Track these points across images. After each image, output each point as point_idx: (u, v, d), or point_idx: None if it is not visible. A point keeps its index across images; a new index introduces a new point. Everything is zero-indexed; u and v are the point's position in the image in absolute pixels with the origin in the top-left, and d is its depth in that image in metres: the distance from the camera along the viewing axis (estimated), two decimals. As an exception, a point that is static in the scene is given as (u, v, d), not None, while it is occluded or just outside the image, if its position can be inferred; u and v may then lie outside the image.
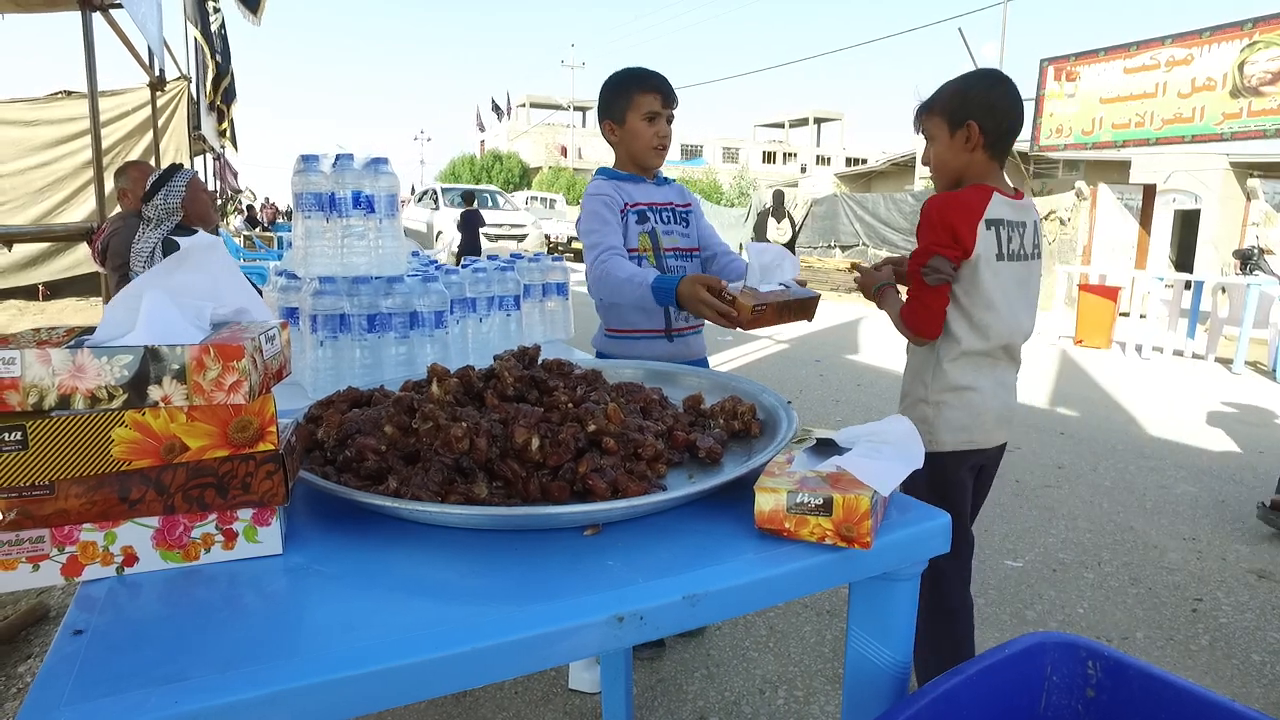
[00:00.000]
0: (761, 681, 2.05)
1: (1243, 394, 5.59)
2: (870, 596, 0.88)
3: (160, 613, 0.66)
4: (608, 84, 1.92)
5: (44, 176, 8.72)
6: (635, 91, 1.85)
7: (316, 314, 1.44)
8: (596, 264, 1.74)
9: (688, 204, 2.01)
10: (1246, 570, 2.75)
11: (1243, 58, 7.90)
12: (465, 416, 0.91)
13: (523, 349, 1.16)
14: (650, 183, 1.95)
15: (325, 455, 0.93)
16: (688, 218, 1.99)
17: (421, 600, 0.70)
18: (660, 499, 0.82)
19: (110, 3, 4.55)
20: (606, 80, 1.92)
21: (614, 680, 1.71)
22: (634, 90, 1.85)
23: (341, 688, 0.59)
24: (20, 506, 0.68)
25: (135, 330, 0.69)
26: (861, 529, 0.76)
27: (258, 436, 0.73)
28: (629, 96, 1.85)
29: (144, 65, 6.40)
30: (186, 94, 8.50)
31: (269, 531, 0.75)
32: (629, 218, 1.87)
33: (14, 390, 0.66)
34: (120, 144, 8.46)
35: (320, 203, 1.51)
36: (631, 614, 0.68)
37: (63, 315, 8.57)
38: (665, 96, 1.85)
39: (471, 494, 0.82)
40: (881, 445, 0.86)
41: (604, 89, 1.92)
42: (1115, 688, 0.84)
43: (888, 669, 0.87)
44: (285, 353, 0.83)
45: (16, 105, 8.72)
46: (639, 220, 1.89)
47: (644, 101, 1.84)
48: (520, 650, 0.64)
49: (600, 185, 1.88)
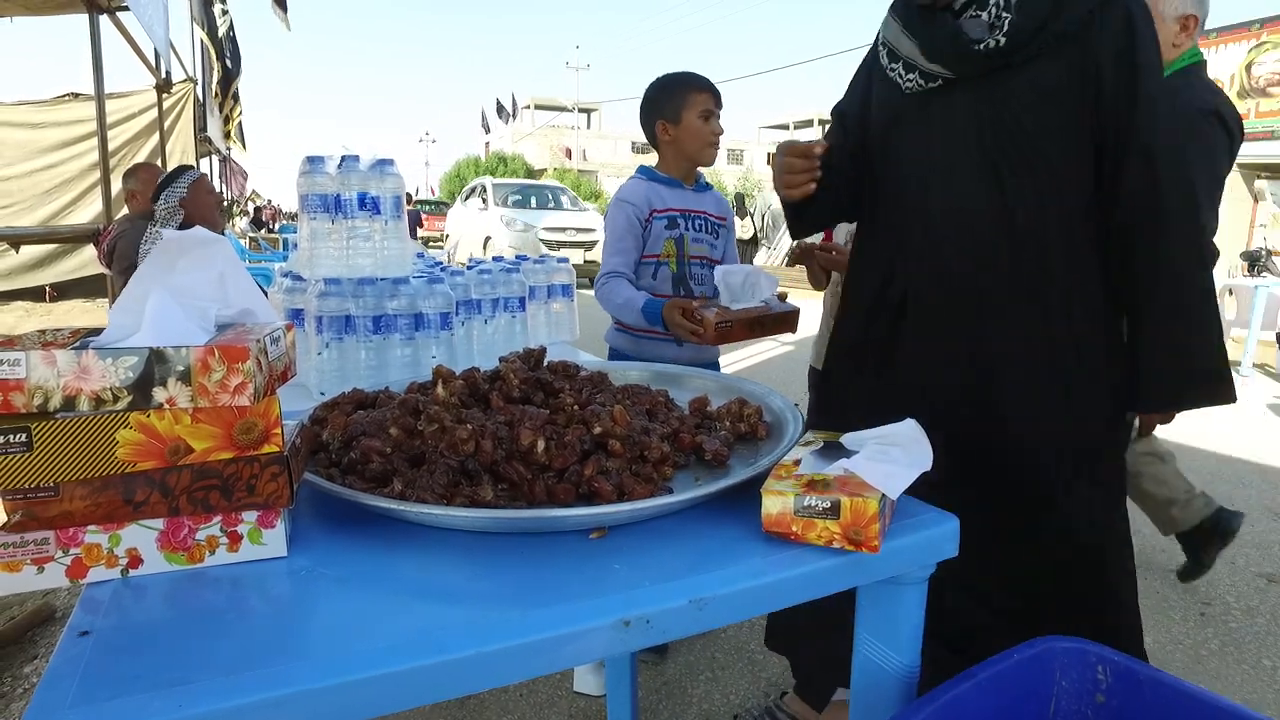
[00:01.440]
0: (767, 685, 2.04)
1: (1250, 396, 5.56)
2: (878, 600, 0.87)
3: (165, 615, 0.66)
4: (658, 86, 1.99)
5: (51, 179, 8.76)
6: (690, 91, 1.93)
7: (322, 315, 1.44)
8: (599, 284, 1.91)
9: (723, 218, 2.07)
10: (1256, 574, 2.73)
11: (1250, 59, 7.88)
12: (470, 418, 0.91)
13: (528, 351, 1.16)
14: (689, 189, 2.01)
15: (330, 457, 0.93)
16: (718, 230, 2.04)
17: (426, 603, 0.69)
18: (666, 502, 0.82)
19: (117, 5, 4.57)
20: (655, 83, 1.99)
21: (619, 683, 1.70)
22: (689, 90, 1.93)
23: (346, 691, 0.58)
24: (25, 508, 0.67)
25: (140, 332, 0.69)
26: (869, 532, 0.76)
27: (262, 438, 0.73)
28: (684, 96, 1.93)
29: (150, 67, 6.43)
30: (193, 96, 8.53)
31: (273, 534, 0.75)
32: (655, 224, 1.93)
33: (19, 392, 0.65)
34: (127, 146, 8.50)
35: (326, 204, 1.51)
36: (637, 618, 0.67)
37: (69, 317, 8.60)
38: (716, 96, 1.95)
39: (477, 496, 0.82)
40: (889, 448, 0.85)
41: (654, 91, 1.99)
42: (1125, 693, 0.83)
43: (895, 673, 0.87)
44: (290, 354, 0.83)
45: (24, 108, 8.77)
46: (668, 225, 1.94)
47: (699, 100, 1.92)
48: (525, 654, 0.64)
49: (631, 190, 1.95)
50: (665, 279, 1.94)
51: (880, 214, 1.42)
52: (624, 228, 1.91)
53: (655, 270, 1.94)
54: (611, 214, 1.94)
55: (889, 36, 1.34)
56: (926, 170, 1.30)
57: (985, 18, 1.21)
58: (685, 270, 1.94)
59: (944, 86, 1.27)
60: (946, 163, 1.28)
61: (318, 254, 1.52)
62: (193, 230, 0.77)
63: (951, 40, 1.23)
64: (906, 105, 1.32)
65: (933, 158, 1.30)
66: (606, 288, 1.87)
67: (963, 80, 1.25)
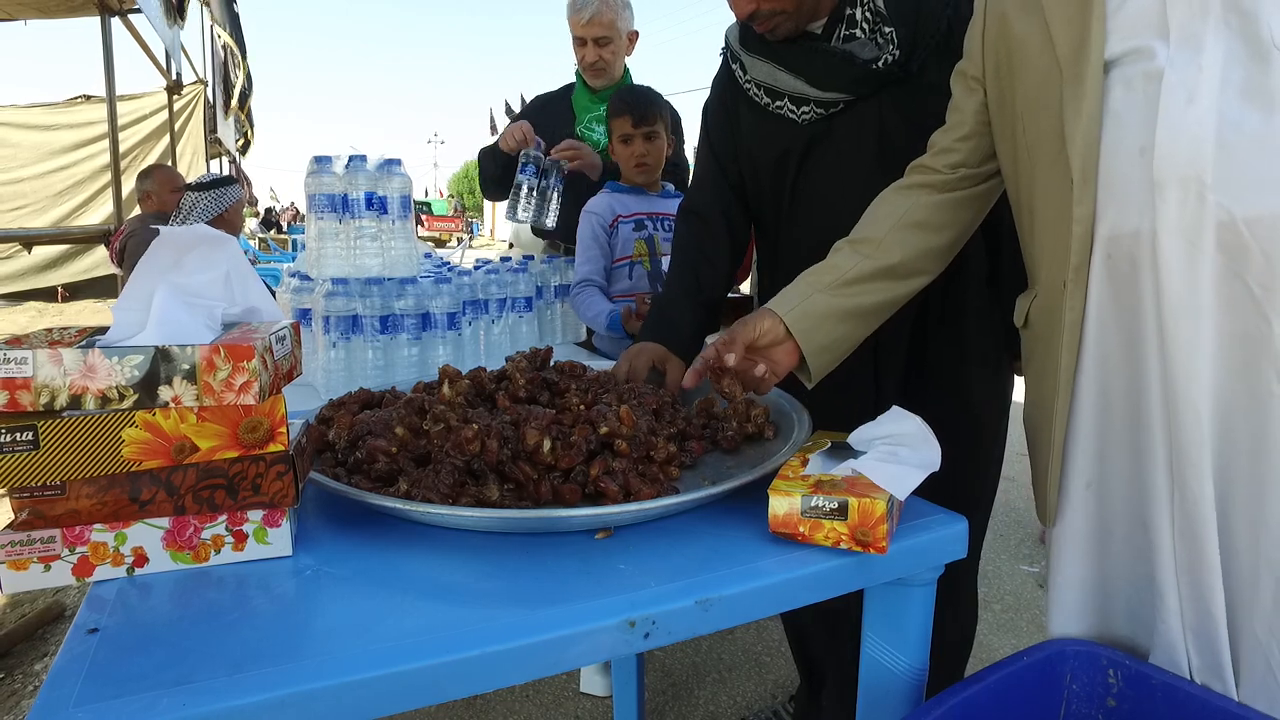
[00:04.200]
0: (774, 686, 2.04)
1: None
2: (885, 602, 0.86)
3: (170, 614, 0.66)
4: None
5: (63, 180, 8.83)
6: (609, 117, 1.97)
7: (329, 315, 1.45)
8: (574, 294, 1.96)
9: None
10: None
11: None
12: (476, 418, 0.90)
13: (535, 351, 1.16)
14: (654, 194, 2.04)
15: (336, 457, 0.93)
16: None
17: (432, 603, 0.69)
18: (672, 502, 0.81)
19: (129, 8, 4.60)
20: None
21: (626, 684, 1.70)
22: (609, 116, 1.97)
23: (352, 691, 0.58)
24: (32, 506, 0.68)
25: (146, 330, 0.69)
26: (877, 533, 0.75)
27: (268, 437, 0.72)
28: (608, 122, 1.98)
29: (161, 69, 6.47)
30: (203, 98, 8.59)
31: (279, 533, 0.75)
32: (622, 227, 1.97)
33: (26, 390, 0.66)
34: (137, 148, 8.55)
35: (333, 204, 1.51)
36: (643, 618, 0.67)
37: (81, 317, 8.67)
38: (634, 118, 1.92)
39: (482, 496, 0.82)
40: (897, 448, 0.84)
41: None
42: (1137, 697, 0.82)
43: (903, 675, 0.86)
44: (296, 353, 0.83)
45: (37, 110, 8.85)
46: (636, 228, 1.98)
47: (616, 125, 1.95)
48: (531, 654, 0.64)
49: (595, 202, 2.00)
50: (641, 277, 1.98)
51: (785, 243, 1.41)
52: (589, 238, 1.96)
53: (630, 270, 1.98)
54: (580, 226, 1.99)
55: (760, 77, 1.30)
56: (840, 188, 1.29)
57: (861, 35, 1.23)
58: (659, 268, 1.98)
59: (844, 108, 1.26)
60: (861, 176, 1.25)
61: (325, 254, 1.53)
62: (197, 227, 0.77)
63: (845, 66, 1.22)
64: (801, 135, 1.30)
65: (844, 175, 1.29)
66: (579, 299, 1.93)
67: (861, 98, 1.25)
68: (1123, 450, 0.86)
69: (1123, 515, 0.87)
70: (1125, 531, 0.87)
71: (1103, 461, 0.88)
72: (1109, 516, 0.89)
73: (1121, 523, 0.87)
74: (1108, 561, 0.90)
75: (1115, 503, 0.88)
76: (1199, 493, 0.77)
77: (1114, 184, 0.80)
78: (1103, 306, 0.84)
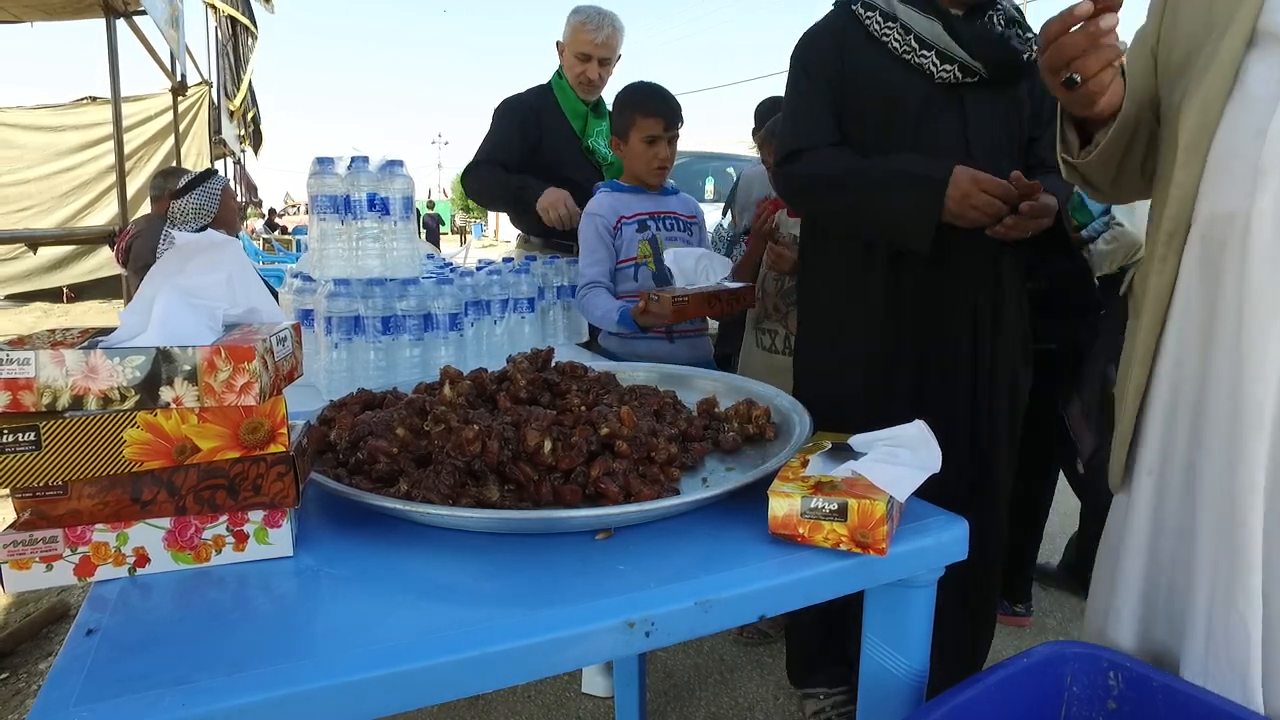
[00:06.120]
0: (775, 688, 2.03)
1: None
2: (886, 604, 0.86)
3: (171, 614, 0.66)
4: (616, 99, 1.98)
5: (69, 181, 8.86)
6: (637, 114, 1.91)
7: (331, 316, 1.45)
8: (580, 296, 1.93)
9: (692, 216, 2.09)
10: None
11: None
12: (477, 419, 0.90)
13: (536, 351, 1.16)
14: (655, 193, 2.02)
15: (337, 457, 0.93)
16: (691, 228, 2.07)
17: (432, 603, 0.69)
18: (673, 503, 0.81)
19: (134, 9, 4.62)
20: (616, 95, 1.98)
21: (627, 684, 1.70)
22: (636, 112, 1.91)
23: (352, 691, 0.58)
24: (34, 507, 0.68)
25: (148, 331, 0.70)
26: (877, 535, 0.75)
27: (269, 438, 0.73)
28: (632, 116, 1.92)
29: (166, 70, 6.49)
30: (207, 99, 8.61)
31: (280, 533, 0.75)
32: (626, 229, 1.95)
33: (28, 390, 0.66)
34: (143, 149, 8.58)
35: (335, 205, 1.51)
36: (643, 619, 0.67)
37: (86, 317, 8.70)
38: (668, 121, 1.90)
39: (483, 497, 0.82)
40: (897, 450, 0.84)
41: (615, 101, 1.99)
42: (1138, 700, 0.82)
43: (903, 677, 0.86)
44: (297, 354, 0.83)
45: (43, 111, 8.88)
46: (639, 229, 1.96)
47: (645, 125, 1.90)
48: (531, 655, 0.64)
49: (597, 203, 1.97)
50: (646, 279, 1.97)
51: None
52: (594, 239, 1.93)
53: (635, 272, 1.97)
54: (582, 228, 1.97)
55: (918, 28, 1.41)
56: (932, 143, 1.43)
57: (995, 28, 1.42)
58: (664, 269, 1.96)
59: (977, 83, 1.41)
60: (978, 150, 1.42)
61: (327, 255, 1.53)
62: (205, 233, 0.78)
63: (1001, 46, 1.40)
64: (935, 92, 1.43)
65: (966, 146, 1.43)
66: (586, 300, 1.91)
67: (993, 82, 1.41)
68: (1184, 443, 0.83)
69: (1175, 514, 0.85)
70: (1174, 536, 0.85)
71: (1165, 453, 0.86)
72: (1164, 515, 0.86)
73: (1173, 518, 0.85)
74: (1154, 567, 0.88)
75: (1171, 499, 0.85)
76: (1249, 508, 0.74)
77: (1223, 161, 0.76)
78: (1190, 287, 0.81)
